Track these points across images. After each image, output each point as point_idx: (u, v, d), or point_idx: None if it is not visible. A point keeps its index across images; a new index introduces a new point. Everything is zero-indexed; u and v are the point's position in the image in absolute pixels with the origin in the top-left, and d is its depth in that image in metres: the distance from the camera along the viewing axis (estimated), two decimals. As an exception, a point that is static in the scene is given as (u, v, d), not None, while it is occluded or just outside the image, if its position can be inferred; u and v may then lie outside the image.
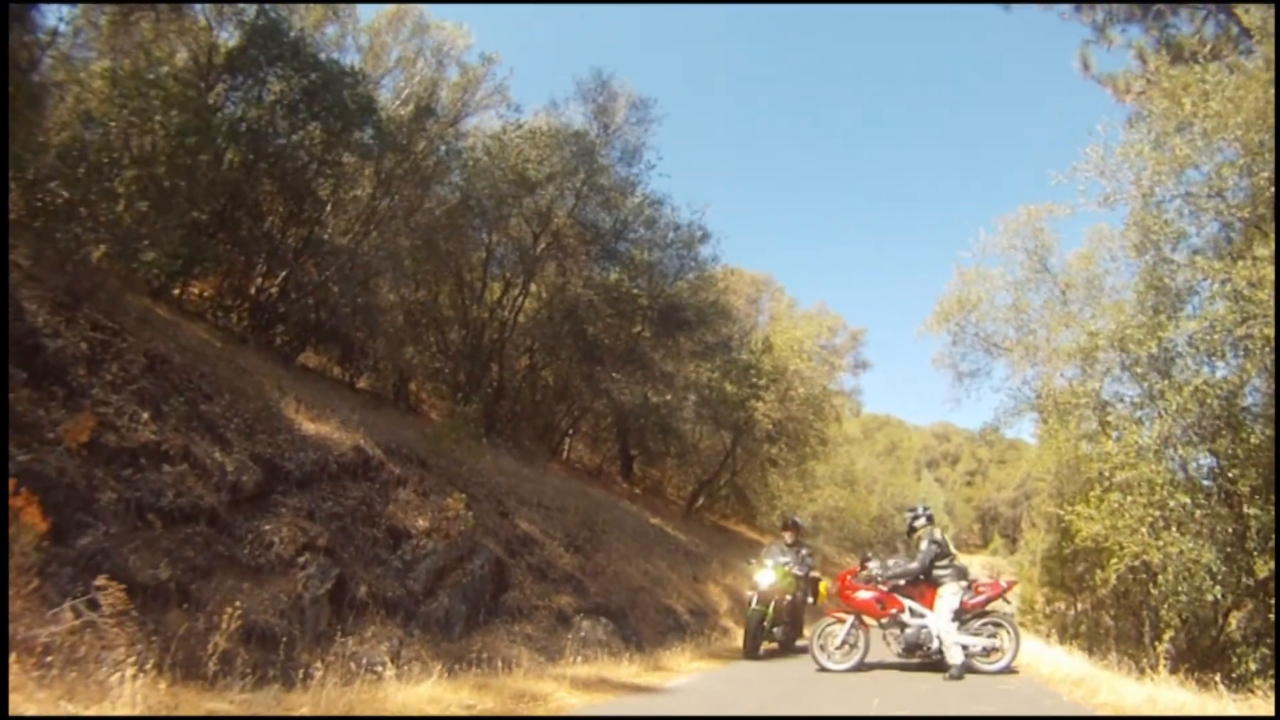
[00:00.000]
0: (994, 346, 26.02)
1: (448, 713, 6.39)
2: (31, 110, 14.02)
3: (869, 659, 11.44)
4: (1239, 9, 15.87)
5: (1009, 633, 11.29)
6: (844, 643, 11.41)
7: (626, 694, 8.70)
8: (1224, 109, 14.01)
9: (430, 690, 6.73)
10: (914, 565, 11.63)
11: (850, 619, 11.52)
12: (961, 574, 11.62)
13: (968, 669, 10.57)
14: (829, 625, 11.77)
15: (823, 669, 11.14)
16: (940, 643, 10.94)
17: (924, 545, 11.61)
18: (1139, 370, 15.23)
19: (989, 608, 11.53)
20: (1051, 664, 12.07)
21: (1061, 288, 24.06)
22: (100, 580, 5.59)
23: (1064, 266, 24.59)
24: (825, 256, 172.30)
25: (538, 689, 7.93)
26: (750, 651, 13.54)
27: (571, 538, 16.78)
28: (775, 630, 14.34)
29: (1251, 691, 8.99)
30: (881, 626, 11.72)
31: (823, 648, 11.48)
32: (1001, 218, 25.17)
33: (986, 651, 11.05)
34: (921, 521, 12.10)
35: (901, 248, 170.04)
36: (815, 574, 15.78)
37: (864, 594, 11.70)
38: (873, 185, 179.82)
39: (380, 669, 7.78)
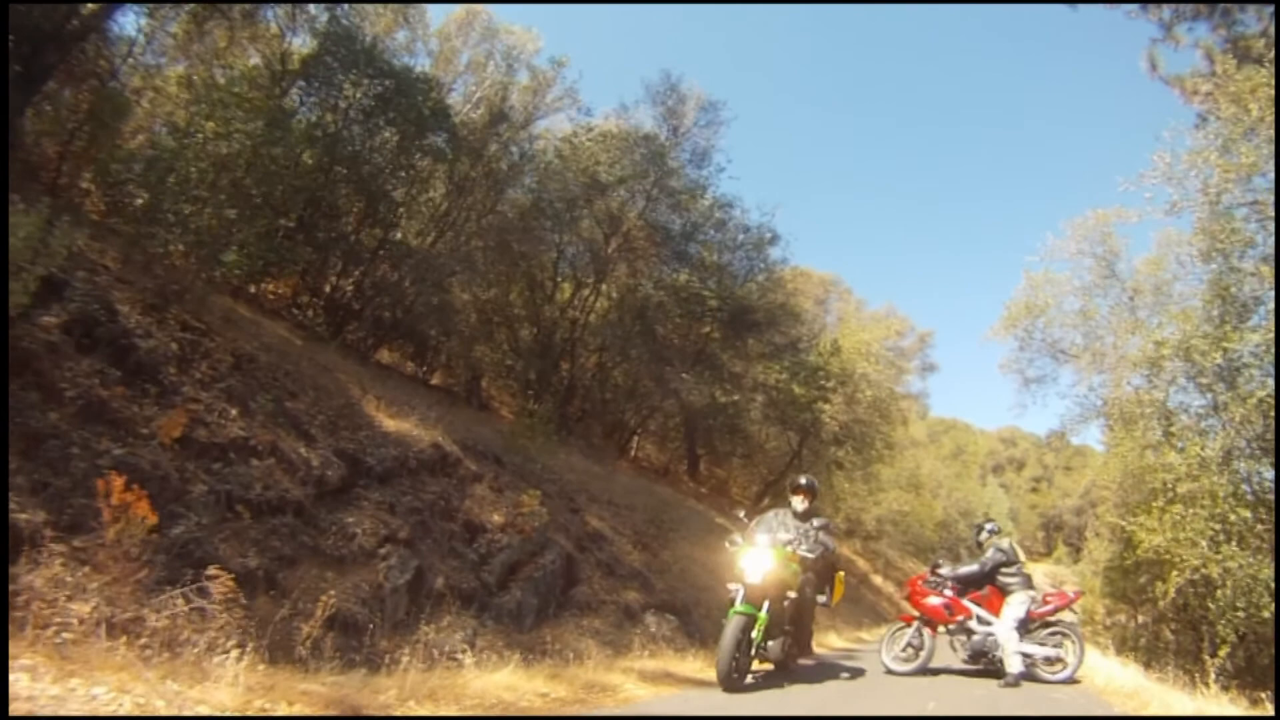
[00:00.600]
0: (1061, 352, 25.74)
1: (523, 700, 6.62)
2: (117, 120, 14.52)
3: (933, 664, 11.52)
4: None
5: (1074, 643, 11.28)
6: (909, 645, 11.51)
7: (690, 688, 8.86)
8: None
9: (507, 678, 6.96)
10: (975, 567, 11.70)
11: (916, 622, 11.61)
12: (1029, 583, 11.67)
13: (1027, 677, 10.60)
14: (898, 628, 11.90)
15: (889, 671, 11.24)
16: (1003, 650, 11.01)
17: (990, 552, 11.68)
18: (1204, 380, 15.08)
19: (1056, 617, 11.56)
20: (1106, 675, 12.03)
21: (1129, 293, 23.73)
22: (211, 569, 5.93)
23: (1132, 272, 24.22)
24: (894, 257, 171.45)
25: (607, 680, 8.16)
26: (727, 677, 8.14)
27: (639, 535, 16.98)
28: (769, 645, 9.17)
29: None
30: (949, 633, 11.78)
31: (889, 649, 11.59)
32: (1070, 222, 24.85)
33: (1050, 661, 11.06)
34: (986, 535, 12.19)
35: (972, 248, 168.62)
36: (834, 558, 10.85)
37: (933, 600, 11.72)
38: (943, 186, 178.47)
39: (460, 656, 8.03)
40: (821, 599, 10.55)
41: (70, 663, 4.36)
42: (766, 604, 8.71)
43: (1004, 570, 11.49)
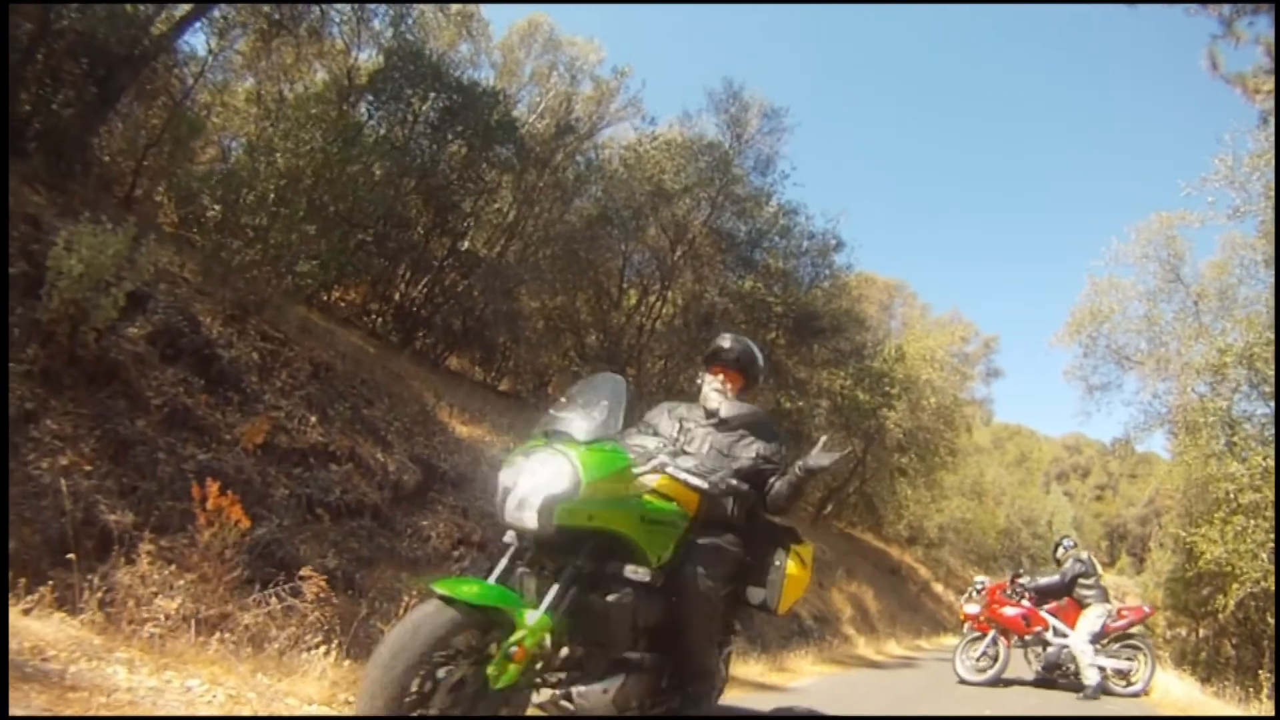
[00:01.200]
0: (1125, 359, 25.41)
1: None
2: (191, 136, 14.94)
3: (1007, 675, 11.50)
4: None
5: (1146, 656, 11.27)
6: (984, 655, 11.50)
7: (752, 691, 8.97)
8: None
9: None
10: (1056, 578, 11.71)
11: (992, 632, 11.60)
12: (1106, 596, 11.66)
13: (1102, 690, 10.60)
14: (972, 637, 11.89)
15: (962, 680, 11.24)
16: (1078, 663, 10.99)
17: (1069, 564, 11.67)
18: (1267, 389, 14.88)
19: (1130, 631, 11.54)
20: (1162, 689, 11.96)
21: (1194, 298, 23.34)
22: (305, 570, 6.18)
23: (1197, 276, 23.89)
24: (961, 262, 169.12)
25: (668, 684, 8.29)
26: None
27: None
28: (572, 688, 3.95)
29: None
30: (1024, 644, 11.77)
31: (963, 659, 11.60)
32: (1134, 225, 24.59)
33: (1122, 674, 11.06)
34: (1064, 549, 12.17)
35: (1038, 252, 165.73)
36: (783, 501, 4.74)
37: (1011, 610, 11.73)
38: (1009, 189, 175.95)
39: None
40: (760, 594, 4.69)
41: (164, 656, 4.53)
42: (553, 590, 3.72)
43: (1082, 582, 11.51)
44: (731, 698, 8.39)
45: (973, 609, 21.56)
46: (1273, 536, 13.83)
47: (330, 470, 8.88)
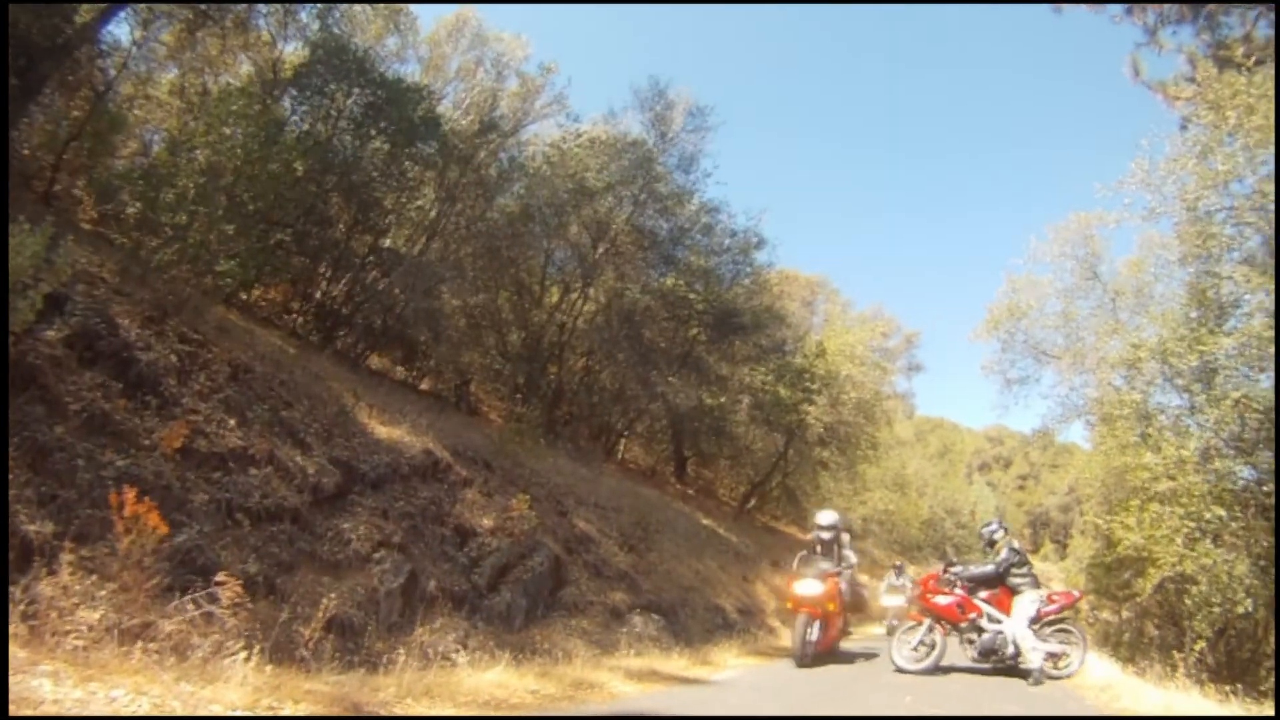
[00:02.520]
0: (1043, 354, 26.04)
1: (513, 697, 6.92)
2: (111, 132, 14.75)
3: (943, 662, 11.79)
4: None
5: (1078, 640, 11.65)
6: (920, 644, 11.79)
7: (675, 685, 9.16)
8: (1267, 121, 14.11)
9: (498, 676, 7.27)
10: (990, 567, 12.01)
11: (927, 621, 11.90)
12: (1038, 583, 12.01)
13: (1043, 674, 10.94)
14: (907, 627, 12.20)
15: (899, 669, 11.50)
16: (1016, 648, 11.32)
17: (1004, 553, 11.99)
18: (1181, 382, 15.42)
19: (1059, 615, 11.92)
20: (1083, 670, 12.35)
21: (1111, 295, 24.02)
22: (220, 576, 6.23)
23: (1114, 274, 24.58)
24: (882, 258, 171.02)
25: (594, 678, 8.44)
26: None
27: (626, 537, 17.25)
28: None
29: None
30: (959, 631, 12.07)
31: (900, 649, 11.87)
32: (1053, 225, 25.20)
33: (1055, 657, 11.42)
34: (1000, 534, 12.48)
35: (961, 247, 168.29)
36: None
37: (944, 599, 12.03)
38: (932, 186, 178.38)
39: (454, 656, 8.32)
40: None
41: (88, 668, 4.61)
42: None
43: (1015, 570, 11.83)
44: (654, 691, 8.62)
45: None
46: (1188, 523, 14.31)
47: (249, 474, 8.90)
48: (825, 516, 14.01)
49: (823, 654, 12.31)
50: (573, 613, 12.80)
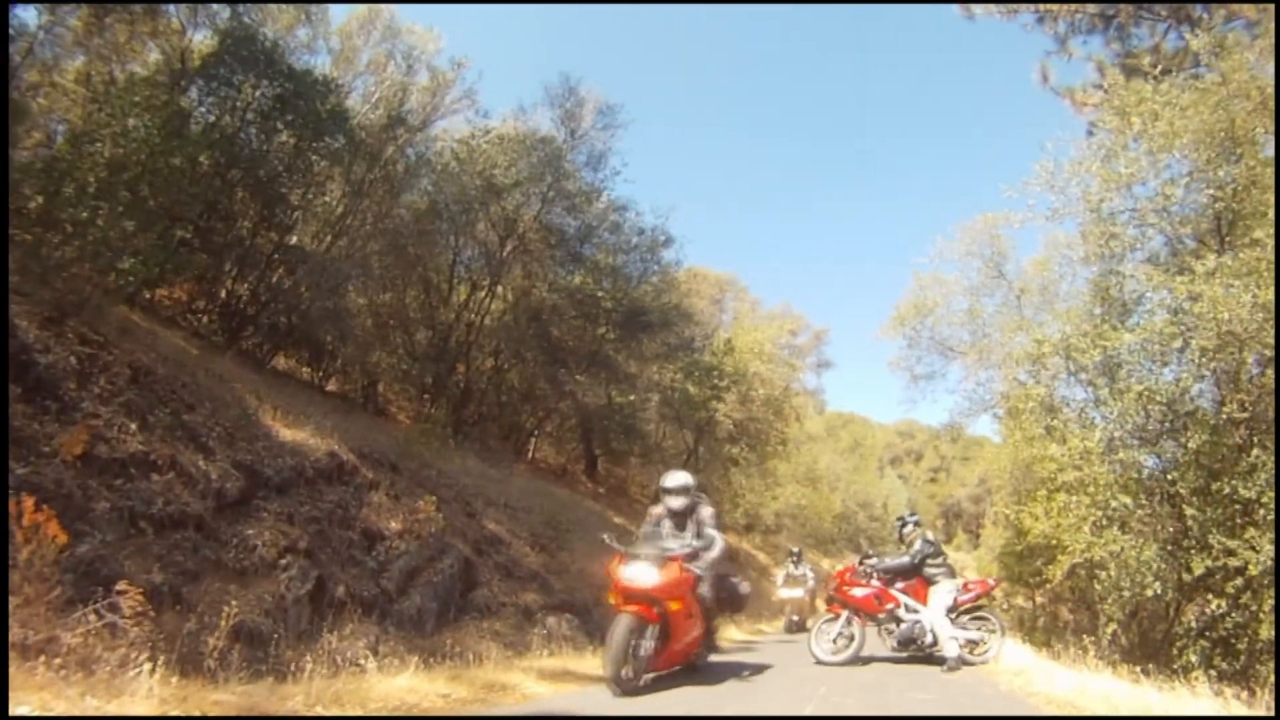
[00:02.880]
0: (949, 350, 26.77)
1: (424, 701, 6.89)
2: (17, 121, 14.32)
3: (863, 653, 11.97)
4: (1188, 31, 16.46)
5: (995, 627, 11.95)
6: (840, 635, 11.95)
7: (590, 684, 9.14)
8: (1171, 127, 14.67)
9: (408, 681, 7.22)
10: (905, 559, 12.25)
11: (845, 613, 12.06)
12: (953, 572, 12.29)
13: (961, 661, 11.19)
14: (826, 620, 12.35)
15: (820, 662, 11.59)
16: (934, 637, 11.59)
17: (918, 544, 12.23)
18: (1084, 376, 15.86)
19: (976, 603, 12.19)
20: (999, 656, 12.61)
21: (1016, 293, 24.76)
22: (121, 585, 6.10)
23: (1020, 273, 25.30)
24: (792, 256, 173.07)
25: (506, 680, 8.42)
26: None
27: (537, 537, 17.24)
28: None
29: (1188, 682, 9.46)
30: (877, 622, 12.28)
31: (819, 642, 12.00)
32: (960, 225, 25.85)
33: (974, 644, 11.70)
34: (910, 528, 12.72)
35: (871, 244, 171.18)
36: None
37: (862, 590, 12.21)
38: (841, 184, 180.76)
39: (363, 662, 8.23)
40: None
41: (-11, 684, 4.52)
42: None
43: (930, 561, 12.08)
44: (568, 691, 8.62)
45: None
46: (1095, 511, 14.70)
47: (152, 480, 8.70)
48: (674, 478, 10.14)
49: (670, 672, 9.27)
50: (485, 615, 12.76)
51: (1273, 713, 8.31)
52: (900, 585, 12.17)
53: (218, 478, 9.75)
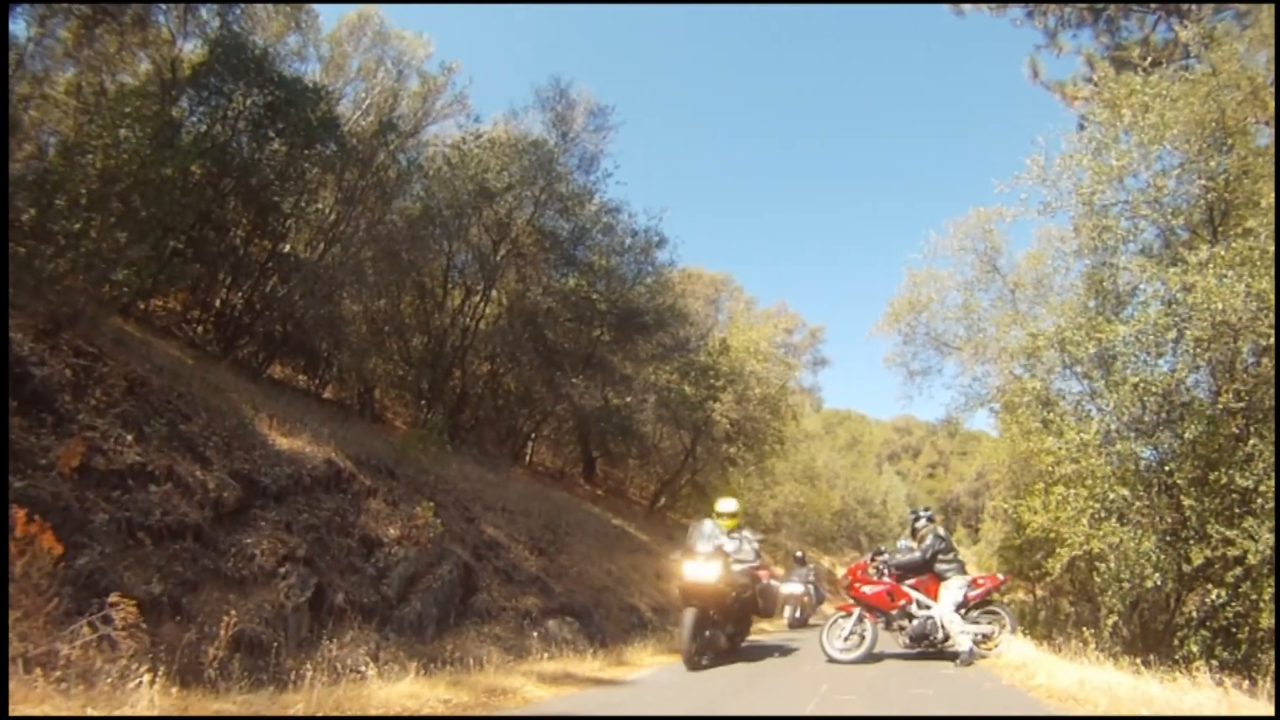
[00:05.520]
0: (944, 345, 26.78)
1: (425, 707, 6.89)
2: (9, 133, 14.28)
3: (875, 650, 12.02)
4: (1178, 23, 16.53)
5: (1005, 622, 11.99)
6: (851, 633, 11.98)
7: (590, 687, 9.18)
8: (1161, 120, 14.73)
9: (409, 687, 7.23)
10: (917, 555, 12.32)
11: (857, 611, 12.09)
12: (963, 568, 12.35)
13: (973, 655, 11.23)
14: (837, 618, 12.37)
15: (832, 660, 11.67)
16: (945, 633, 11.63)
17: (929, 540, 12.27)
18: (1080, 369, 15.89)
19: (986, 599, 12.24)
20: (997, 649, 12.64)
21: (1010, 287, 24.77)
22: (113, 597, 6.09)
23: (1013, 267, 25.36)
24: (786, 255, 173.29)
25: (507, 684, 8.45)
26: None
27: (536, 541, 17.23)
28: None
29: (1190, 673, 9.47)
30: (890, 619, 12.30)
31: (831, 639, 12.03)
32: (953, 220, 25.84)
33: (985, 638, 11.73)
34: (923, 522, 12.81)
35: (865, 241, 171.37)
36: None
37: (873, 587, 12.26)
38: (834, 182, 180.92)
39: (364, 669, 8.22)
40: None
41: (-10, 698, 4.52)
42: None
43: (941, 557, 12.17)
44: (569, 694, 8.62)
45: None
46: (1093, 504, 14.74)
47: (150, 491, 8.69)
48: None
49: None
50: (485, 619, 12.75)
51: (1273, 702, 8.30)
52: (911, 581, 12.22)
53: (215, 487, 9.73)
